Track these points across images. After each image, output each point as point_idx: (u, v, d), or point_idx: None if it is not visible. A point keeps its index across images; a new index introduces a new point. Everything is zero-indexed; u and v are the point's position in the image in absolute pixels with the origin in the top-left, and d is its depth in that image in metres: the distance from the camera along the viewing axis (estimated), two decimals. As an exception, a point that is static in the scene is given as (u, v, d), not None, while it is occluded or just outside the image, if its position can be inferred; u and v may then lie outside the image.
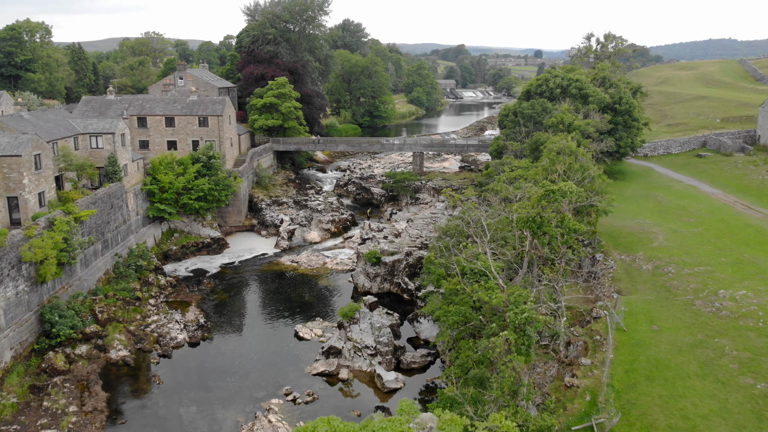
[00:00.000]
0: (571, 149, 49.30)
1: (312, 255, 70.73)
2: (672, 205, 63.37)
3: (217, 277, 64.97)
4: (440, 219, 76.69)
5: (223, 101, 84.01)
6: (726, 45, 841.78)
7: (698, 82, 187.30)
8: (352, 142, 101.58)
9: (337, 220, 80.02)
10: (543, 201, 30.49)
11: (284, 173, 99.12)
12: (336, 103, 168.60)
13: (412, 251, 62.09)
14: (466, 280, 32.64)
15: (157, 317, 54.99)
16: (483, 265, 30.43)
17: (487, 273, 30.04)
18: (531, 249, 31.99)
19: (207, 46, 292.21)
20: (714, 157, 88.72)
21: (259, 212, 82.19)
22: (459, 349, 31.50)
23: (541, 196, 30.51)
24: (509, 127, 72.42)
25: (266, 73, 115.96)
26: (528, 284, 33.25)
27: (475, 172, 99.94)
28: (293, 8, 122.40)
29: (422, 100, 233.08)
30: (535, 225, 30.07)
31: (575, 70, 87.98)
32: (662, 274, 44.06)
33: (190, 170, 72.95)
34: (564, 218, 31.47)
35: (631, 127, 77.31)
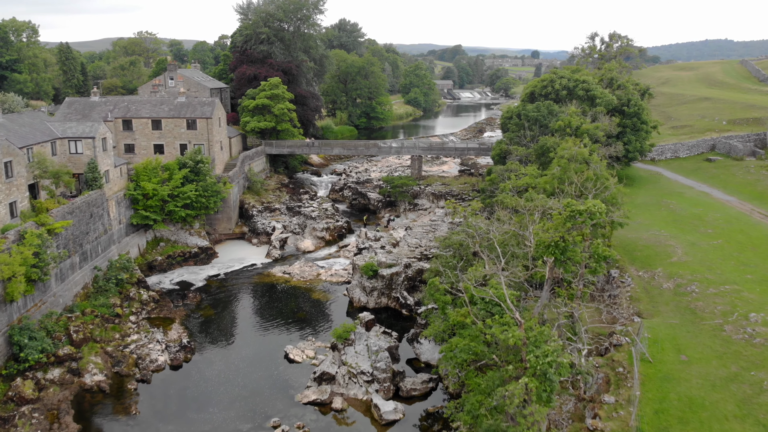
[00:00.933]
0: (584, 156, 45.63)
1: (305, 265, 66.93)
2: (687, 214, 59.76)
3: (204, 291, 61.13)
4: (440, 227, 73.03)
5: (213, 103, 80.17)
6: (722, 45, 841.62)
7: (700, 83, 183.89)
8: (348, 146, 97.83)
9: (331, 227, 76.25)
10: (568, 223, 26.80)
11: (277, 177, 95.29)
12: (332, 104, 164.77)
13: (411, 263, 58.36)
14: (476, 308, 28.90)
15: (138, 336, 51.12)
16: (495, 293, 26.76)
17: (500, 302, 26.35)
18: (551, 276, 28.38)
19: (201, 46, 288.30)
20: (724, 162, 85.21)
21: (250, 219, 78.36)
22: (467, 386, 27.77)
23: (565, 218, 26.79)
24: (513, 130, 68.75)
25: (259, 74, 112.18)
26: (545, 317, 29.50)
27: (475, 177, 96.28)
28: (287, 7, 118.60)
29: (420, 101, 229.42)
30: (558, 251, 26.42)
31: (580, 70, 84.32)
32: (685, 293, 40.40)
33: (176, 176, 69.09)
34: (595, 245, 27.71)
35: (639, 131, 73.76)
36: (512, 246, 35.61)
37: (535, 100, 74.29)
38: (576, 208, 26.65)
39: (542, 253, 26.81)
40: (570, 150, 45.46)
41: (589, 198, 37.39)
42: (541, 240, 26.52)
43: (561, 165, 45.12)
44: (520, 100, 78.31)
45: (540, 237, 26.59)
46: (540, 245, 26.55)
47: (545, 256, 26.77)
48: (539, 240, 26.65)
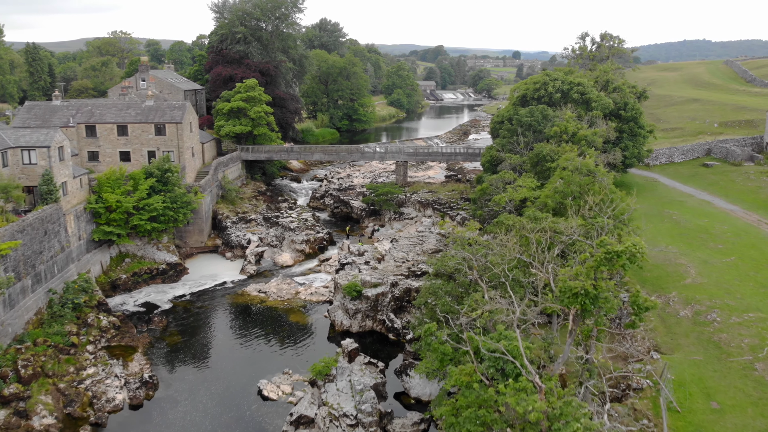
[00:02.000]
0: (589, 168, 41.30)
1: (283, 282, 61.95)
2: (692, 227, 55.80)
3: (171, 313, 55.91)
4: (428, 238, 68.53)
5: (183, 107, 74.84)
6: (701, 46, 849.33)
7: (686, 84, 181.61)
8: (329, 151, 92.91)
9: (312, 239, 71.33)
10: (602, 267, 22.33)
11: (254, 185, 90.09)
12: (312, 106, 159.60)
13: (398, 281, 53.71)
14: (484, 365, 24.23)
15: (94, 369, 45.82)
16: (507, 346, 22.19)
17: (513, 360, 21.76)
18: (576, 326, 23.87)
19: (179, 46, 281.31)
20: (722, 167, 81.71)
21: (224, 231, 73.16)
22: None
23: (599, 261, 22.27)
24: (504, 136, 64.41)
25: (235, 75, 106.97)
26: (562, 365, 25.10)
27: (463, 183, 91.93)
28: (265, 5, 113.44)
29: (402, 102, 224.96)
30: (588, 300, 21.97)
31: (573, 72, 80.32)
32: (705, 323, 36.19)
33: (142, 186, 63.77)
34: (635, 293, 23.24)
35: (637, 135, 69.87)
36: (518, 275, 31.16)
37: (527, 103, 70.04)
38: (613, 249, 22.18)
39: (568, 303, 22.33)
40: (573, 161, 41.09)
41: (603, 218, 33.05)
42: (567, 286, 22.06)
43: (563, 177, 40.72)
44: (510, 103, 74.00)
45: (566, 284, 22.13)
46: (566, 291, 22.08)
47: (572, 306, 22.30)
48: (564, 286, 22.17)
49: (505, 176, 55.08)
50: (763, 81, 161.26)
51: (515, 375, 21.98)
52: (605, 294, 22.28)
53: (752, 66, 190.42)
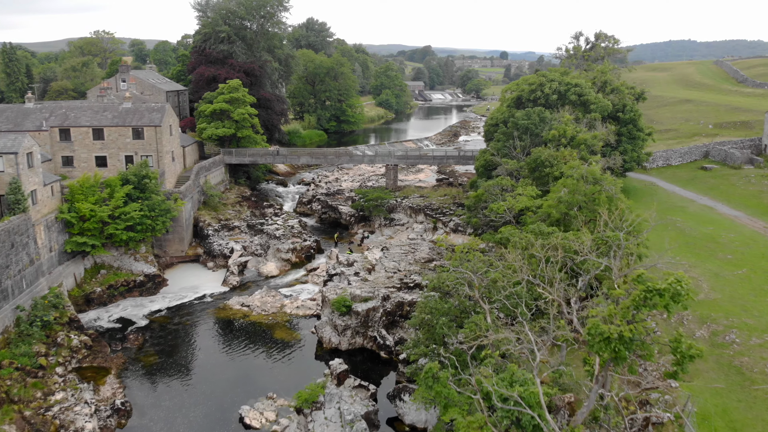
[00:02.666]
0: (595, 176, 38.47)
1: (267, 295, 58.69)
2: (698, 235, 53.20)
3: (148, 330, 52.49)
4: (420, 246, 65.52)
5: (162, 109, 71.34)
6: (686, 46, 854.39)
7: (677, 84, 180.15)
8: (317, 154, 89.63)
9: (298, 247, 68.09)
10: (643, 308, 19.35)
11: (238, 189, 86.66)
12: (299, 107, 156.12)
13: (390, 294, 50.63)
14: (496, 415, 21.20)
15: (63, 394, 42.36)
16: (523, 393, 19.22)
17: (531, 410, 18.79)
18: (604, 372, 20.96)
19: (163, 46, 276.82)
20: (721, 170, 79.38)
21: (206, 239, 69.72)
22: None
23: (637, 301, 19.24)
24: (500, 139, 61.56)
25: (219, 75, 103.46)
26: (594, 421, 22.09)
27: (455, 187, 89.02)
28: (249, 3, 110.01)
29: (391, 103, 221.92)
30: (622, 345, 18.97)
31: (568, 72, 77.65)
32: (724, 345, 33.46)
33: (117, 194, 60.25)
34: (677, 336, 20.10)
35: (635, 139, 67.32)
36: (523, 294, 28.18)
37: (523, 105, 67.30)
38: (654, 286, 19.21)
39: (599, 349, 19.29)
40: (578, 168, 38.22)
41: (618, 233, 30.18)
42: (596, 328, 19.02)
43: (568, 186, 37.86)
44: (504, 105, 71.20)
45: (598, 327, 19.10)
46: (595, 333, 19.02)
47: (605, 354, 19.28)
48: (594, 329, 19.08)
49: (501, 182, 52.20)
50: (755, 81, 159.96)
51: (532, 426, 19.05)
52: (642, 338, 19.39)
53: (743, 66, 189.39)
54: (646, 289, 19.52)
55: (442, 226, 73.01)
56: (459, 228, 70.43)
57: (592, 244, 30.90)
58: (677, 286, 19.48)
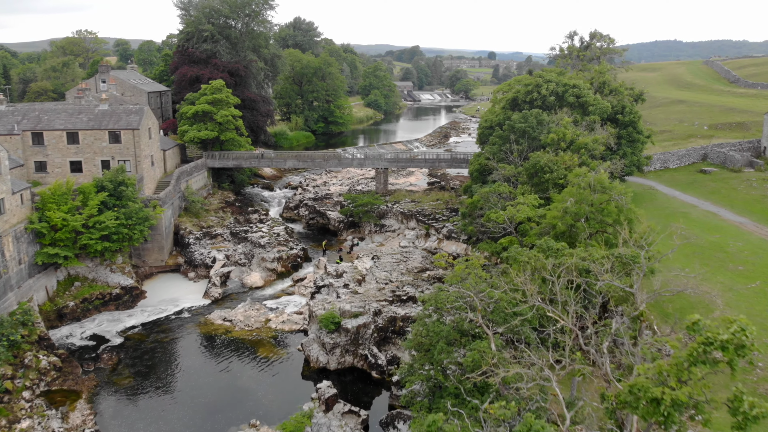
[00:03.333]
0: (603, 185, 35.69)
1: (251, 308, 55.48)
2: (705, 244, 50.66)
3: (123, 348, 49.11)
4: (412, 255, 62.59)
5: (141, 111, 67.89)
6: (672, 46, 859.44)
7: (669, 85, 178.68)
8: (304, 157, 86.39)
9: (284, 256, 64.88)
10: (703, 366, 16.24)
11: (221, 194, 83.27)
12: (286, 108, 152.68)
13: (382, 308, 47.65)
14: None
15: (30, 422, 39.03)
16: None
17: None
18: None
19: (148, 45, 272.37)
20: (721, 174, 77.16)
21: (187, 248, 66.35)
22: None
23: (694, 356, 16.19)
24: (495, 143, 58.74)
25: (202, 75, 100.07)
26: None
27: (447, 191, 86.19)
28: (233, 2, 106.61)
29: (380, 104, 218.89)
30: (674, 409, 15.92)
31: (564, 73, 75.07)
32: (746, 370, 30.74)
33: (92, 202, 56.84)
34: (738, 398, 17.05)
35: (635, 142, 64.79)
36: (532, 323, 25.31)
37: (518, 107, 64.55)
38: (715, 336, 16.21)
39: (645, 412, 16.27)
40: (586, 177, 35.42)
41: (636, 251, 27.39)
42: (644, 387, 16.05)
43: (575, 195, 35.05)
44: (499, 107, 68.42)
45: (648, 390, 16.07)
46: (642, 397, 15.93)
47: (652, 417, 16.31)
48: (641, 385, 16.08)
49: (499, 189, 49.35)
50: (747, 81, 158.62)
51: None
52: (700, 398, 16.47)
53: (734, 66, 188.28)
54: (705, 341, 16.53)
55: (435, 232, 70.13)
56: (453, 234, 67.58)
57: (607, 262, 28.08)
58: (742, 336, 16.47)
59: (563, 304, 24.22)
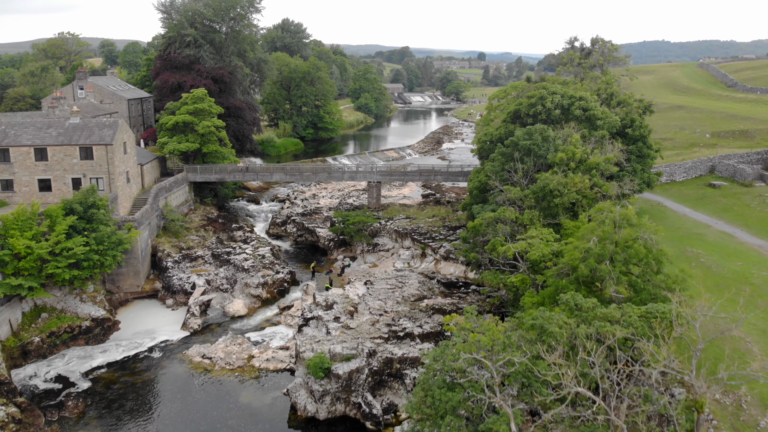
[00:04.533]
0: (629, 220, 31.49)
1: (233, 342, 50.84)
2: (727, 274, 46.61)
3: (91, 394, 44.35)
4: (408, 279, 58.21)
5: (115, 125, 63.09)
6: (660, 47, 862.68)
7: (665, 89, 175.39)
8: (291, 170, 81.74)
9: (270, 281, 60.29)
10: None
11: (203, 210, 78.50)
12: (273, 113, 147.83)
13: (376, 348, 43.22)
14: None
15: (-25, 489, 34.34)
16: None
17: None
18: None
19: (133, 47, 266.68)
20: (731, 188, 73.34)
21: (165, 272, 61.64)
22: None
23: None
24: (497, 160, 54.45)
25: (184, 82, 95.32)
26: None
27: (443, 205, 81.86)
28: (218, 5, 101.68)
29: (371, 107, 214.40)
30: None
31: (568, 83, 71.00)
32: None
33: (59, 227, 51.97)
34: None
35: (645, 157, 60.71)
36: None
37: (520, 119, 60.30)
38: None
39: None
40: (610, 212, 31.18)
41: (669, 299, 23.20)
42: None
43: (598, 234, 30.82)
44: (500, 120, 64.14)
45: None
46: None
47: None
48: None
49: (504, 214, 45.04)
50: (745, 86, 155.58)
51: None
52: None
53: (730, 69, 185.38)
54: None
55: (432, 252, 65.81)
56: (450, 255, 63.31)
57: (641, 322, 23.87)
58: None
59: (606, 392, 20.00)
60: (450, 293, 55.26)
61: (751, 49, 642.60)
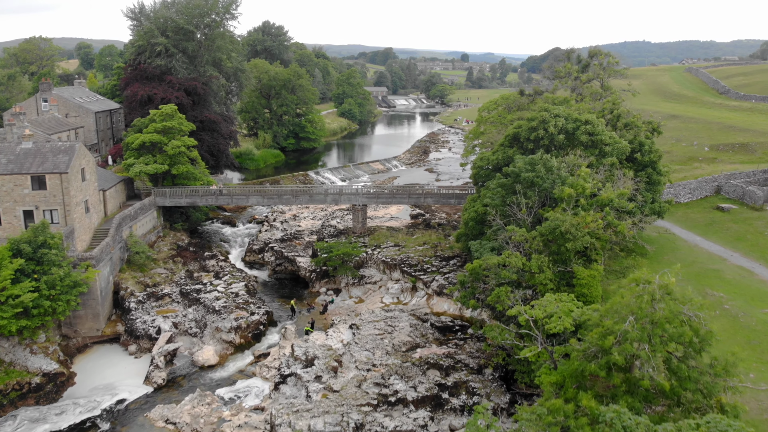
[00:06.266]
0: (668, 290, 26.18)
1: (201, 403, 44.84)
2: (755, 325, 41.59)
3: (33, 474, 38.29)
4: (399, 322, 52.61)
5: (71, 150, 56.79)
6: (641, 47, 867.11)
7: (655, 95, 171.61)
8: (269, 193, 75.63)
9: (243, 325, 54.29)
10: None
11: (174, 237, 72.27)
12: (253, 122, 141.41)
13: (364, 419, 37.59)
14: None
15: None
16: None
17: None
18: None
19: (109, 50, 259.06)
20: (741, 212, 68.64)
21: (128, 313, 55.49)
22: None
23: None
24: (496, 192, 49.07)
25: (155, 95, 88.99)
26: None
27: (433, 228, 76.41)
28: (191, 11, 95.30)
29: (354, 113, 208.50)
30: None
31: (568, 101, 65.88)
32: None
33: (5, 271, 45.77)
34: None
35: (655, 184, 55.69)
36: None
37: (520, 145, 54.97)
38: None
39: None
40: (648, 284, 25.83)
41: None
42: None
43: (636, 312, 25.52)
44: (498, 144, 58.75)
45: None
46: None
47: None
48: None
49: (510, 260, 39.60)
50: (738, 93, 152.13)
51: None
52: None
53: (721, 75, 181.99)
54: None
55: (423, 286, 60.34)
56: (444, 291, 57.87)
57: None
58: None
59: None
60: (446, 340, 49.76)
61: (731, 50, 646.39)
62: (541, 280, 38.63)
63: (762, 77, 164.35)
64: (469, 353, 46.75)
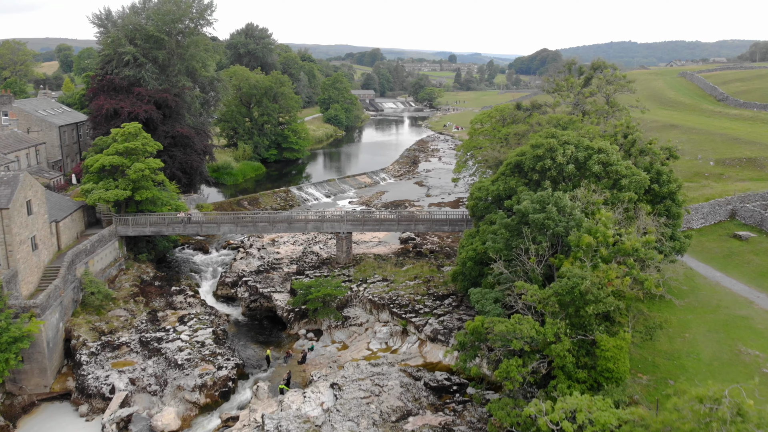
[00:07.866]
0: (741, 410, 19.86)
1: (157, 486, 38.10)
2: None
3: None
4: (388, 381, 46.04)
5: (14, 181, 49.72)
6: (627, 47, 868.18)
7: (651, 102, 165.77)
8: (243, 221, 68.66)
9: (209, 382, 47.44)
10: None
11: (137, 269, 65.25)
12: (232, 132, 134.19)
13: None
14: None
15: None
16: None
17: None
18: None
19: (88, 53, 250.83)
20: (761, 241, 62.89)
21: (80, 367, 48.54)
22: None
23: None
24: (499, 234, 42.71)
25: (122, 108, 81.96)
26: None
27: (425, 257, 69.99)
28: (162, 17, 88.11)
29: (341, 119, 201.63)
30: None
31: (575, 121, 59.69)
32: None
33: None
34: None
35: (674, 218, 49.59)
36: None
37: (523, 174, 48.66)
38: None
39: None
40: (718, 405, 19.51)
41: None
42: None
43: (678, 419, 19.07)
44: (499, 173, 52.44)
45: None
46: None
47: None
48: None
49: (521, 328, 33.20)
50: (737, 100, 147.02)
51: None
52: None
53: (718, 81, 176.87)
54: None
55: (415, 330, 53.88)
56: (438, 336, 51.49)
57: None
58: None
59: None
60: (442, 405, 43.25)
61: (717, 50, 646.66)
62: (558, 351, 32.30)
63: (761, 83, 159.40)
64: (469, 423, 40.29)
